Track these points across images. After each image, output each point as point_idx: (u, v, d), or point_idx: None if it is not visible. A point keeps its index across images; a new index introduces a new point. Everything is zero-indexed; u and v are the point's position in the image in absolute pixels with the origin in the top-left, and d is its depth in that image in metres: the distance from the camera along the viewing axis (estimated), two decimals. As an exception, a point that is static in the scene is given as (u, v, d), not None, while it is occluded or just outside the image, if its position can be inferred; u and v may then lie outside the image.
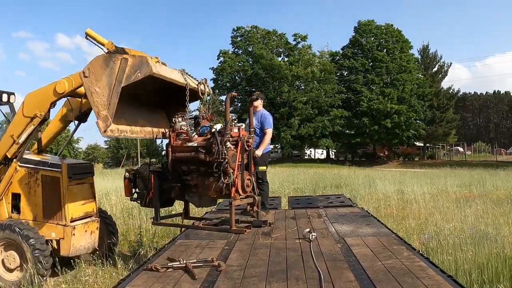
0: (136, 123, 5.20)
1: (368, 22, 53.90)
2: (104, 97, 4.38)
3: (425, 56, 57.42)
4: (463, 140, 66.17)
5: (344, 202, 7.52)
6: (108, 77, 4.38)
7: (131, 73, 4.33)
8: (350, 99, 52.33)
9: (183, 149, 5.05)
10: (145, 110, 5.60)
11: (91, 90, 4.42)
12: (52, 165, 5.73)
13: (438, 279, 2.96)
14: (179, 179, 5.23)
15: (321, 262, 3.51)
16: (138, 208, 10.53)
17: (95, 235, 5.98)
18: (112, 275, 5.62)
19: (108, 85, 4.37)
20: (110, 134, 4.51)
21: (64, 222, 5.53)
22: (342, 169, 32.65)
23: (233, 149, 4.81)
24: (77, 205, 5.73)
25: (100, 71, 4.41)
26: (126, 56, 4.42)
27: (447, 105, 55.16)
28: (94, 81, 4.42)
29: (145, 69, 4.33)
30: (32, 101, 5.44)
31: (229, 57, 54.93)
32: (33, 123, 5.43)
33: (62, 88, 5.15)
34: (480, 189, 14.59)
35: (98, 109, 4.38)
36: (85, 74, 4.45)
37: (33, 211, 5.69)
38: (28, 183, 5.72)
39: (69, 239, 5.50)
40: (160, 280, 3.18)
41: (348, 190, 13.97)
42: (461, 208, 9.67)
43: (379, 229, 4.93)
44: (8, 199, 5.80)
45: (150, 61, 4.41)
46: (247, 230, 4.83)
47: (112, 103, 4.33)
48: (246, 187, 4.96)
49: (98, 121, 4.37)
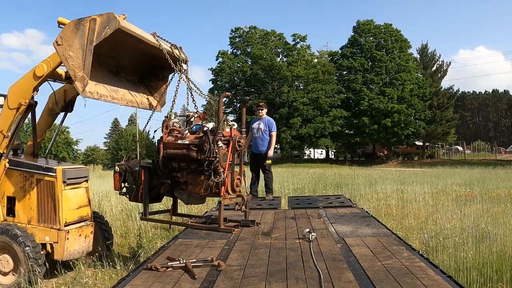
0: (117, 92, 5.40)
1: (367, 21, 53.94)
2: (78, 60, 4.55)
3: (424, 55, 57.47)
4: (463, 139, 66.26)
5: (344, 202, 7.51)
6: (80, 39, 4.55)
7: (101, 31, 4.51)
8: (350, 99, 52.35)
9: (174, 146, 5.09)
10: (126, 83, 5.80)
11: (66, 56, 4.57)
12: (47, 169, 5.70)
13: (438, 279, 2.96)
14: (169, 175, 5.28)
15: (321, 262, 3.51)
16: (138, 209, 10.54)
17: (89, 239, 5.97)
18: (112, 277, 5.62)
19: (81, 46, 4.54)
20: (89, 95, 4.67)
21: (58, 226, 5.51)
22: (342, 169, 32.67)
23: (225, 149, 4.83)
24: (71, 209, 5.71)
25: (72, 36, 4.57)
26: (94, 16, 4.57)
27: (446, 104, 55.19)
28: (67, 47, 4.57)
29: (113, 24, 4.50)
30: (15, 92, 5.52)
31: (228, 58, 54.91)
32: (19, 112, 5.49)
33: (41, 71, 5.26)
34: (480, 188, 14.59)
35: (74, 72, 4.54)
36: (58, 43, 4.60)
37: (27, 214, 5.68)
38: (23, 187, 5.70)
39: (62, 243, 5.48)
40: (159, 280, 3.17)
41: (348, 190, 13.96)
42: (461, 207, 9.68)
43: (378, 229, 4.92)
44: (3, 202, 5.79)
45: (117, 16, 4.57)
46: (235, 229, 4.85)
47: (87, 63, 4.51)
48: (236, 187, 5.00)
49: (75, 83, 4.54)
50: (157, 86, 6.49)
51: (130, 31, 4.85)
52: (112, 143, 66.70)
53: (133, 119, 64.36)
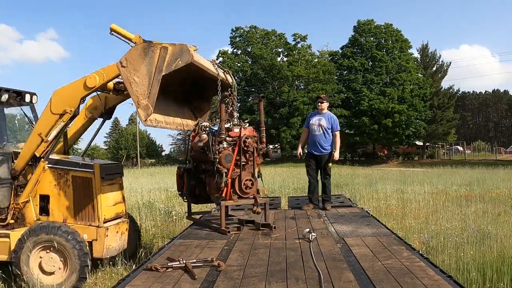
0: (168, 114, 5.23)
1: (368, 21, 53.87)
2: (144, 86, 4.37)
3: (425, 55, 57.43)
4: (463, 139, 66.17)
5: (344, 202, 7.52)
6: (148, 66, 4.36)
7: (172, 61, 4.33)
8: (350, 98, 52.31)
9: (195, 148, 5.19)
10: (172, 103, 5.60)
11: (130, 80, 4.40)
12: (84, 165, 5.65)
13: (438, 279, 2.96)
14: (198, 177, 5.38)
15: (321, 262, 3.51)
16: (138, 209, 10.55)
17: (125, 236, 5.92)
18: (112, 276, 5.62)
19: (148, 74, 4.36)
20: (150, 124, 4.50)
21: (98, 223, 5.44)
22: (342, 169, 32.61)
23: (228, 149, 4.80)
24: (109, 206, 5.65)
25: (139, 60, 4.39)
26: (166, 44, 4.41)
27: (447, 104, 55.16)
28: (133, 71, 4.40)
29: (186, 57, 4.35)
30: (60, 97, 5.37)
31: (228, 57, 54.88)
32: (63, 119, 5.38)
33: (93, 82, 5.10)
34: (480, 188, 14.59)
35: (138, 98, 4.37)
36: (122, 64, 4.42)
37: (63, 212, 5.60)
38: (58, 184, 5.62)
39: (102, 240, 5.41)
40: (159, 280, 3.17)
41: (348, 190, 13.96)
42: (461, 207, 9.69)
43: (378, 229, 4.92)
44: (36, 201, 5.70)
45: (190, 49, 4.41)
46: (231, 231, 4.82)
47: (153, 92, 4.34)
48: (246, 188, 4.94)
49: (138, 110, 4.37)
50: (200, 105, 6.32)
51: (201, 64, 4.70)
52: (112, 142, 66.67)
53: (133, 118, 64.43)
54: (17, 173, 5.81)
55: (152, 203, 11.53)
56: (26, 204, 5.72)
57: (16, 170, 5.80)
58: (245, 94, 50.56)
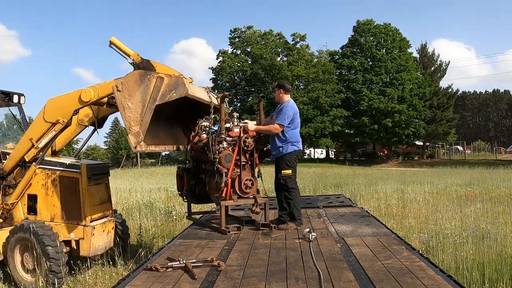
0: (158, 136, 5.20)
1: (367, 21, 53.86)
2: (137, 113, 4.36)
3: (424, 55, 57.41)
4: (463, 139, 66.15)
5: (343, 202, 7.52)
6: (143, 93, 4.35)
7: (166, 92, 4.33)
8: (350, 98, 52.31)
9: (195, 148, 5.22)
10: (162, 122, 5.56)
11: (124, 105, 4.38)
12: (71, 165, 5.70)
13: (438, 279, 2.96)
14: (198, 177, 5.39)
15: (321, 262, 3.51)
16: (138, 208, 10.56)
17: (111, 235, 6.00)
18: (112, 276, 5.62)
19: (142, 101, 4.35)
20: (139, 150, 4.49)
21: (84, 222, 5.52)
22: (342, 169, 32.67)
23: (228, 149, 4.80)
24: (95, 205, 5.73)
25: (134, 87, 4.38)
26: (162, 74, 4.42)
27: (447, 104, 55.14)
28: (127, 96, 4.38)
29: (180, 90, 4.34)
30: (54, 106, 5.41)
31: (228, 57, 54.87)
32: (55, 129, 5.41)
33: (88, 97, 5.11)
34: (480, 188, 14.60)
35: (130, 124, 4.36)
36: (118, 88, 4.40)
37: (50, 212, 5.67)
38: (45, 184, 5.69)
39: (89, 239, 5.49)
40: (159, 280, 3.17)
41: (348, 190, 13.97)
42: (461, 207, 9.69)
43: (378, 229, 4.92)
44: (24, 201, 5.77)
45: (186, 82, 4.41)
46: (231, 232, 4.83)
47: (145, 120, 4.32)
48: (246, 188, 4.94)
49: (129, 136, 4.36)
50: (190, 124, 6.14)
51: (195, 97, 4.69)
52: (112, 142, 66.66)
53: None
54: (5, 173, 5.88)
55: (152, 203, 11.54)
56: (14, 204, 5.80)
57: (4, 171, 5.87)
58: (245, 94, 50.54)
